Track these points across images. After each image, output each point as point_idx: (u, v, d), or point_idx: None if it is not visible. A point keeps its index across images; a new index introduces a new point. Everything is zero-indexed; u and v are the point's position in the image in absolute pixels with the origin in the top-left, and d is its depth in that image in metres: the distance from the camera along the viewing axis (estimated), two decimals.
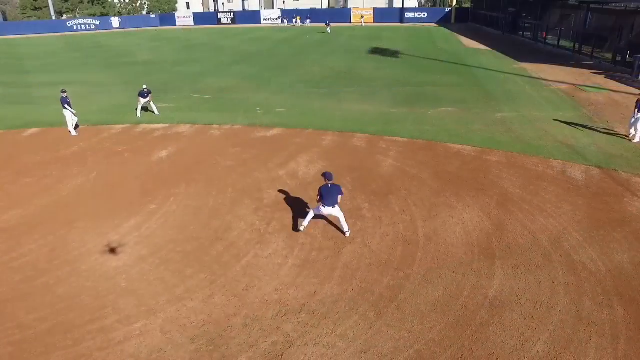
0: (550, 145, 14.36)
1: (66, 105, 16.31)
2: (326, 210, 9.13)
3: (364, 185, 11.79)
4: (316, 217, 9.56)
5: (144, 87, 18.75)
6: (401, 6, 69.12)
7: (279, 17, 70.36)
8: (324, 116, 18.33)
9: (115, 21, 70.94)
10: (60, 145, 15.71)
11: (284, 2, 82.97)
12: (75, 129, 16.84)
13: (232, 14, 73.61)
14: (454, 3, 68.18)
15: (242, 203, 11.00)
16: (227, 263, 8.63)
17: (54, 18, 72.80)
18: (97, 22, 69.39)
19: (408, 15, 67.09)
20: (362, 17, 65.29)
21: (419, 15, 67.42)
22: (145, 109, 18.98)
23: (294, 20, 67.25)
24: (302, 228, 9.43)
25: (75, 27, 67.68)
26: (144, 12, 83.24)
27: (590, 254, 8.59)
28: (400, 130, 16.06)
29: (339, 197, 9.09)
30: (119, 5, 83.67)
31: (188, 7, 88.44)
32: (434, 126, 16.53)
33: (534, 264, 8.33)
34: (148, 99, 18.64)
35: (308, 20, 65.11)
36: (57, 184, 12.51)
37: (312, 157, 13.87)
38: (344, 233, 9.34)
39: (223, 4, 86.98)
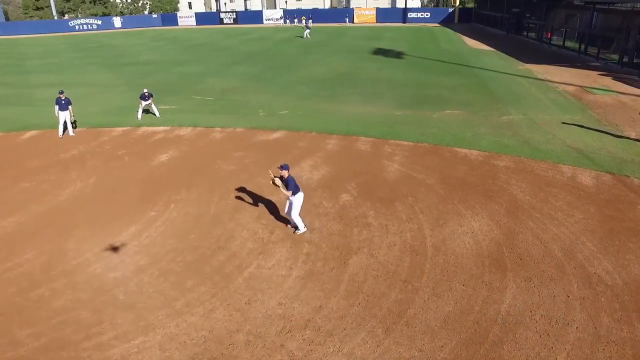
0: (559, 149, 14.03)
1: (58, 107, 16.14)
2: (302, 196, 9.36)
3: (369, 191, 11.48)
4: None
5: (145, 90, 18.52)
6: (404, 6, 68.77)
7: (281, 17, 70.13)
8: (327, 118, 18.02)
9: (117, 21, 70.77)
10: (59, 148, 15.45)
11: (286, 2, 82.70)
12: (74, 129, 16.79)
13: (234, 14, 73.36)
14: (457, 3, 67.80)
15: (245, 210, 10.71)
16: (229, 274, 8.34)
17: (55, 18, 72.69)
18: (99, 22, 69.29)
19: (411, 15, 66.76)
20: (347, 17, 67.97)
21: (421, 15, 67.07)
22: (146, 110, 18.74)
23: (295, 20, 66.97)
24: (305, 229, 9.55)
25: (77, 27, 67.57)
26: (146, 12, 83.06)
27: (606, 266, 8.27)
28: (405, 134, 15.74)
29: None
30: (121, 5, 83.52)
31: (190, 7, 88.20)
32: (439, 129, 16.20)
33: (547, 276, 8.02)
34: (149, 101, 18.41)
35: (310, 21, 64.94)
36: (55, 189, 12.23)
37: (316, 161, 13.57)
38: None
39: (225, 4, 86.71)
